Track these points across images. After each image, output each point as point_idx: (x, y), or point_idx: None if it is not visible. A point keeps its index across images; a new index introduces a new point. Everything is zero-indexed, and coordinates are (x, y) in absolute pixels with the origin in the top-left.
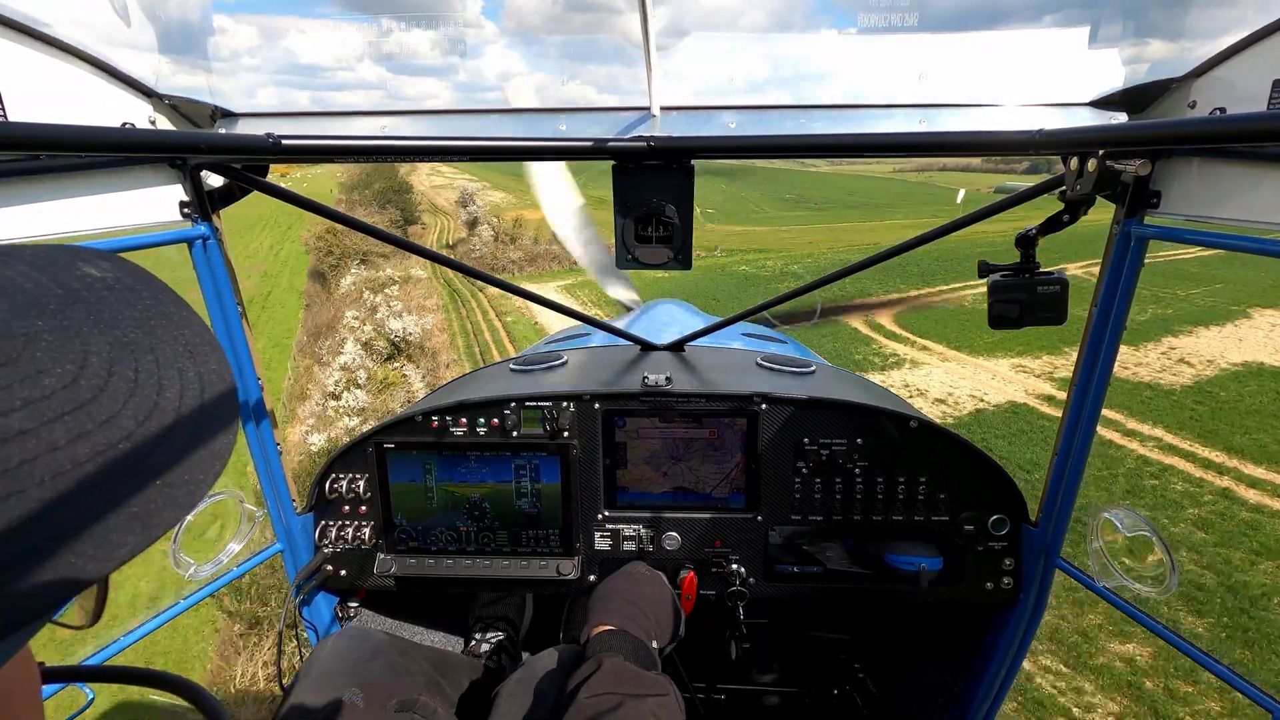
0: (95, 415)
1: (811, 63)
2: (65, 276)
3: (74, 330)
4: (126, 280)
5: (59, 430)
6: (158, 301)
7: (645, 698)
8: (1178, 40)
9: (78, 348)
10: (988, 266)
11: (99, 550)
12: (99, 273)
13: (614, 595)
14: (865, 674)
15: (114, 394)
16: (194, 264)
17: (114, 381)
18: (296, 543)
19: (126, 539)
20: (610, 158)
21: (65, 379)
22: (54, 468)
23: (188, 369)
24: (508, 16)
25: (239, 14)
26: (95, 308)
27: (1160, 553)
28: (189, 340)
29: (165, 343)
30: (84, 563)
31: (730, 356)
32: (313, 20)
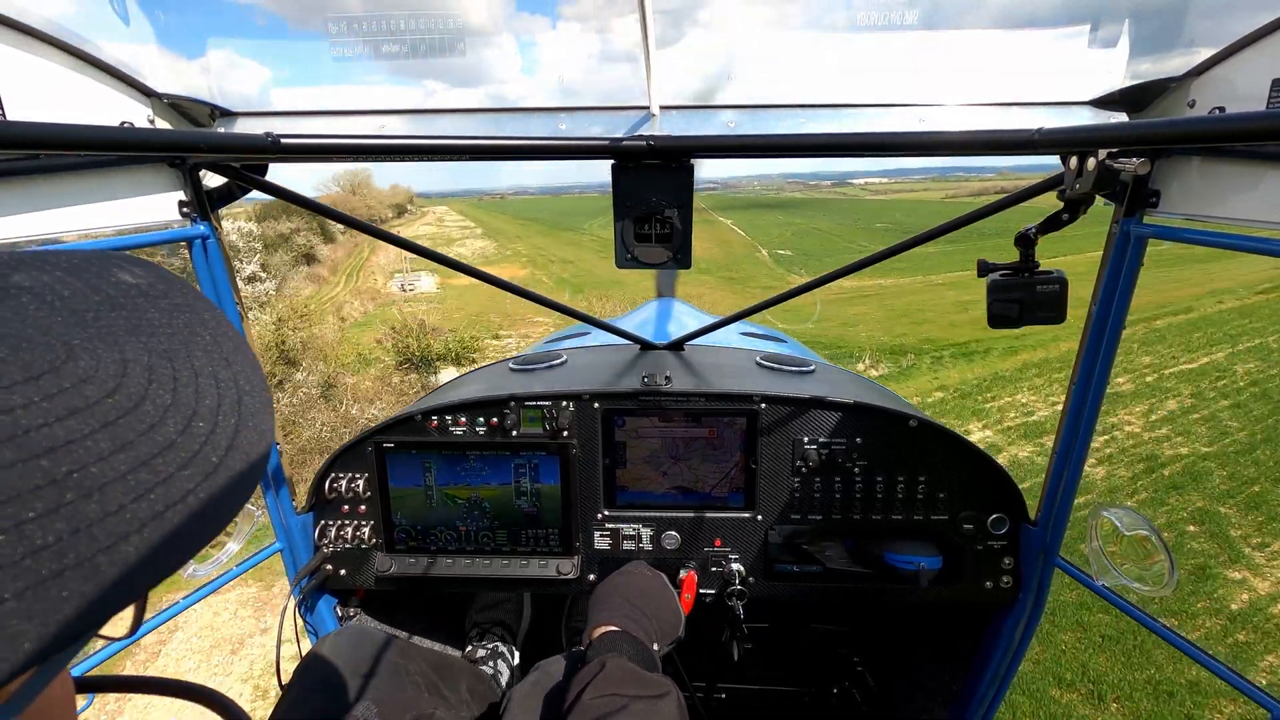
0: (137, 425)
1: (811, 62)
2: (101, 283)
3: (113, 338)
4: (160, 286)
5: (104, 440)
6: (192, 308)
7: (649, 699)
8: (1177, 39)
9: (117, 356)
10: (987, 266)
11: (149, 561)
12: (134, 279)
13: (615, 596)
14: (865, 671)
15: (155, 402)
16: (193, 264)
17: (154, 389)
18: (296, 542)
19: (168, 554)
20: (609, 157)
21: (107, 388)
22: (101, 478)
23: (223, 375)
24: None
25: (238, 14)
26: (132, 315)
27: (1159, 552)
28: (224, 347)
29: (201, 350)
30: (134, 574)
31: (730, 356)
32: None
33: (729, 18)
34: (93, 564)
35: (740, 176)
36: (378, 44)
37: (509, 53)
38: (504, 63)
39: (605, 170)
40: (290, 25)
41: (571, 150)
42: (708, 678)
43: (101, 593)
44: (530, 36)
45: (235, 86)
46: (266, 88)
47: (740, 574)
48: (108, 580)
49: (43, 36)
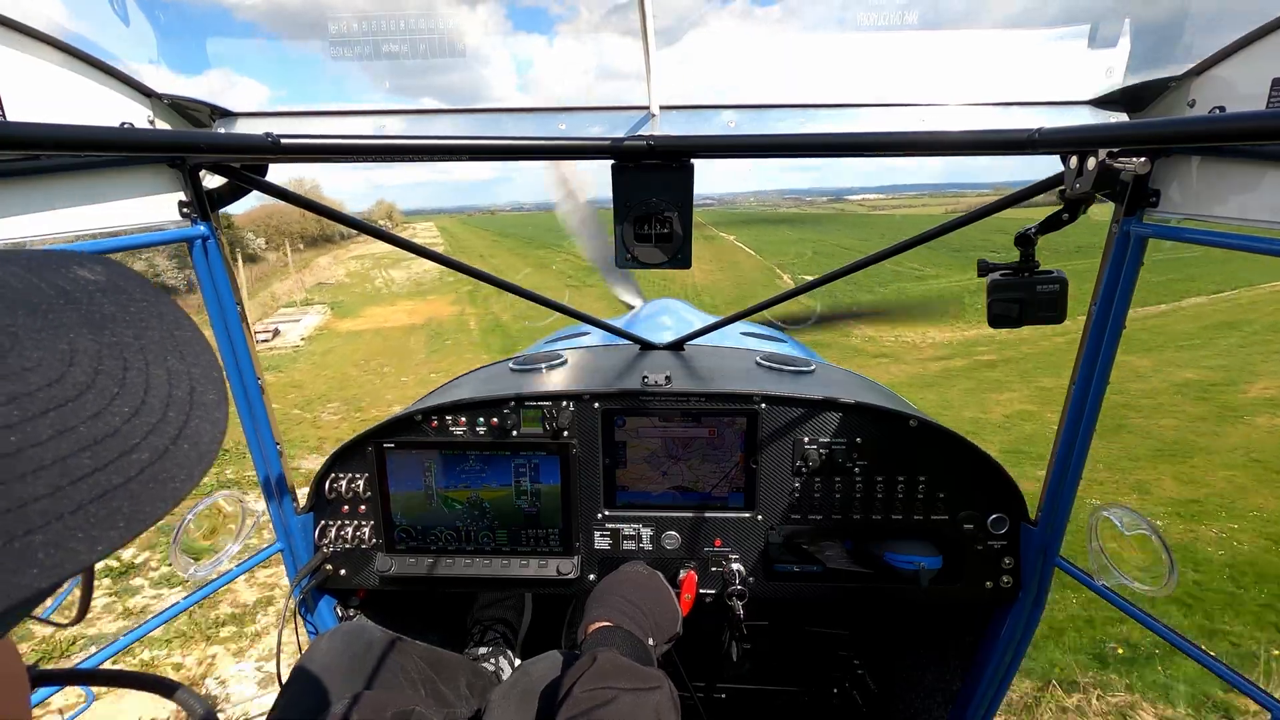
0: (81, 412)
1: (811, 62)
2: (56, 277)
3: (63, 329)
4: (118, 282)
5: (44, 426)
6: (150, 303)
7: (639, 691)
8: (1177, 39)
9: (64, 346)
10: (987, 266)
11: (82, 543)
12: (91, 275)
13: (611, 594)
14: (865, 672)
15: (101, 391)
16: (193, 264)
17: (101, 379)
18: (296, 542)
19: (109, 532)
20: (609, 157)
21: (51, 376)
22: (37, 461)
23: (178, 368)
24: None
25: (238, 14)
26: (86, 309)
27: (1159, 551)
28: (180, 341)
29: (155, 343)
30: (66, 556)
31: (730, 356)
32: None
33: (729, 18)
34: (25, 542)
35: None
36: (378, 44)
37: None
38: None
39: (604, 184)
40: (290, 26)
41: (571, 150)
42: (707, 678)
43: (34, 573)
44: (531, 36)
45: (235, 87)
46: (266, 88)
47: (740, 574)
48: (40, 560)
49: (43, 37)
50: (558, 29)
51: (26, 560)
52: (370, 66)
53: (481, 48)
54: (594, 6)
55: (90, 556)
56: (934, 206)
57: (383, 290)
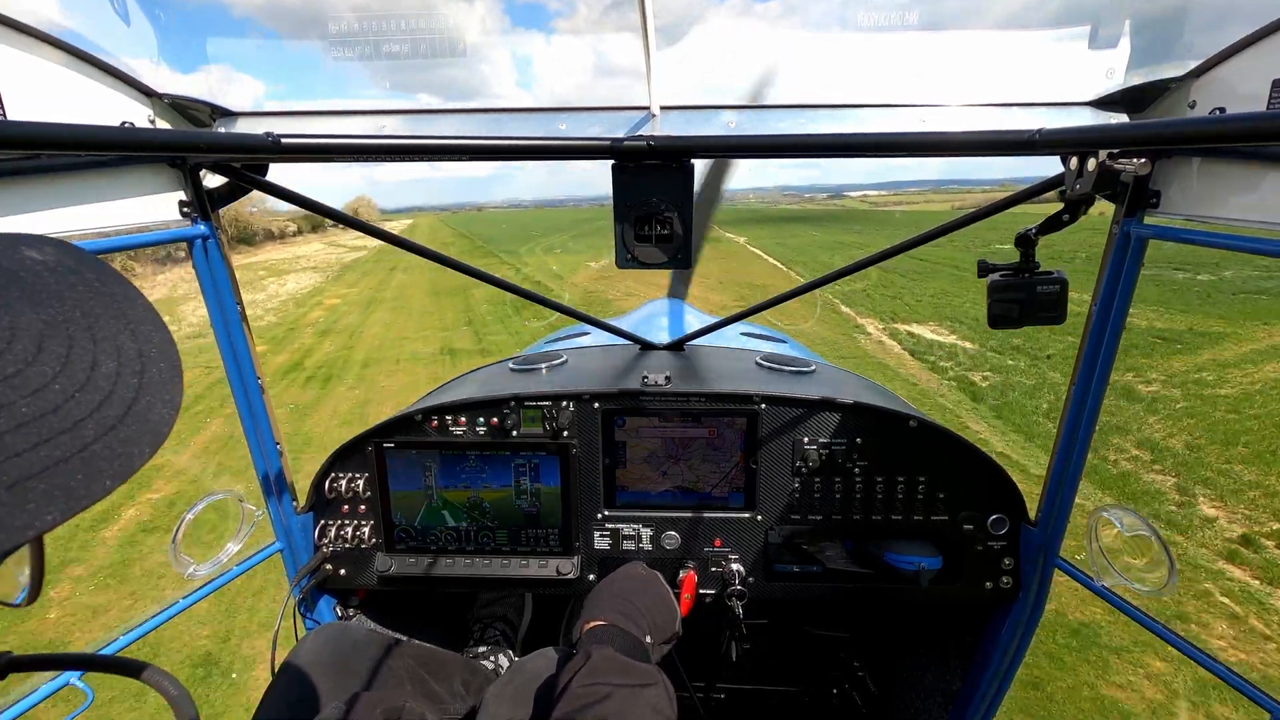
0: (21, 388)
1: (811, 62)
2: (3, 260)
3: (4, 309)
4: (69, 263)
5: None
6: (101, 283)
7: (634, 688)
8: (1177, 40)
9: (5, 324)
10: (987, 266)
11: (19, 518)
12: (40, 255)
13: (609, 593)
14: (865, 673)
15: (43, 368)
16: (194, 263)
17: (43, 356)
18: (296, 542)
19: (50, 508)
20: (609, 157)
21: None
22: None
23: (127, 346)
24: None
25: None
26: (31, 288)
27: (1159, 551)
28: (131, 319)
29: (104, 321)
30: (5, 531)
31: (730, 356)
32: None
33: (729, 18)
34: None
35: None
36: (378, 44)
37: (509, 53)
38: (504, 62)
39: (602, 182)
40: (291, 25)
41: (571, 150)
42: (707, 678)
43: None
44: (531, 37)
45: (235, 87)
46: (267, 88)
47: (740, 574)
48: None
49: (43, 36)
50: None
51: None
52: (370, 66)
53: (482, 47)
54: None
55: (24, 535)
56: (938, 203)
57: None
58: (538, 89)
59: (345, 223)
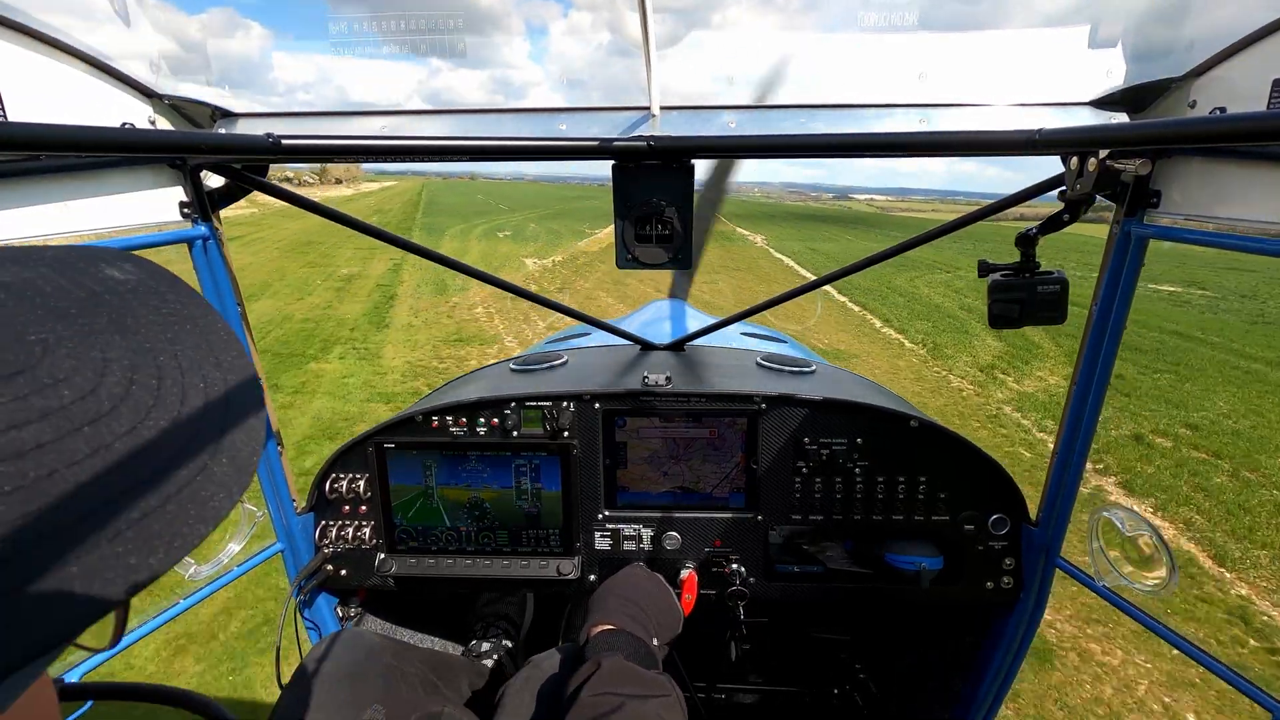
0: (116, 428)
1: (811, 62)
2: (86, 279)
3: (94, 336)
4: (149, 283)
5: (79, 443)
6: (182, 304)
7: (647, 698)
8: (1177, 40)
9: (98, 355)
10: (987, 266)
11: (119, 574)
12: (122, 275)
13: (613, 595)
14: (865, 673)
15: (136, 404)
16: (194, 264)
17: (136, 391)
18: (297, 542)
19: (149, 560)
20: (610, 157)
21: (84, 389)
22: (72, 483)
23: (213, 376)
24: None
25: (238, 13)
26: (117, 312)
27: (1160, 552)
28: (214, 345)
29: (190, 348)
30: (105, 584)
31: (730, 356)
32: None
33: (729, 17)
34: (64, 574)
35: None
36: (379, 44)
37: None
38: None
39: (608, 168)
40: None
41: (572, 150)
42: (708, 678)
43: (76, 605)
44: (531, 37)
45: (236, 87)
46: (267, 89)
47: (741, 574)
48: (75, 593)
49: (43, 37)
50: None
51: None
52: (371, 66)
53: (482, 47)
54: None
55: (128, 589)
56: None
57: None
58: (539, 86)
59: (343, 222)
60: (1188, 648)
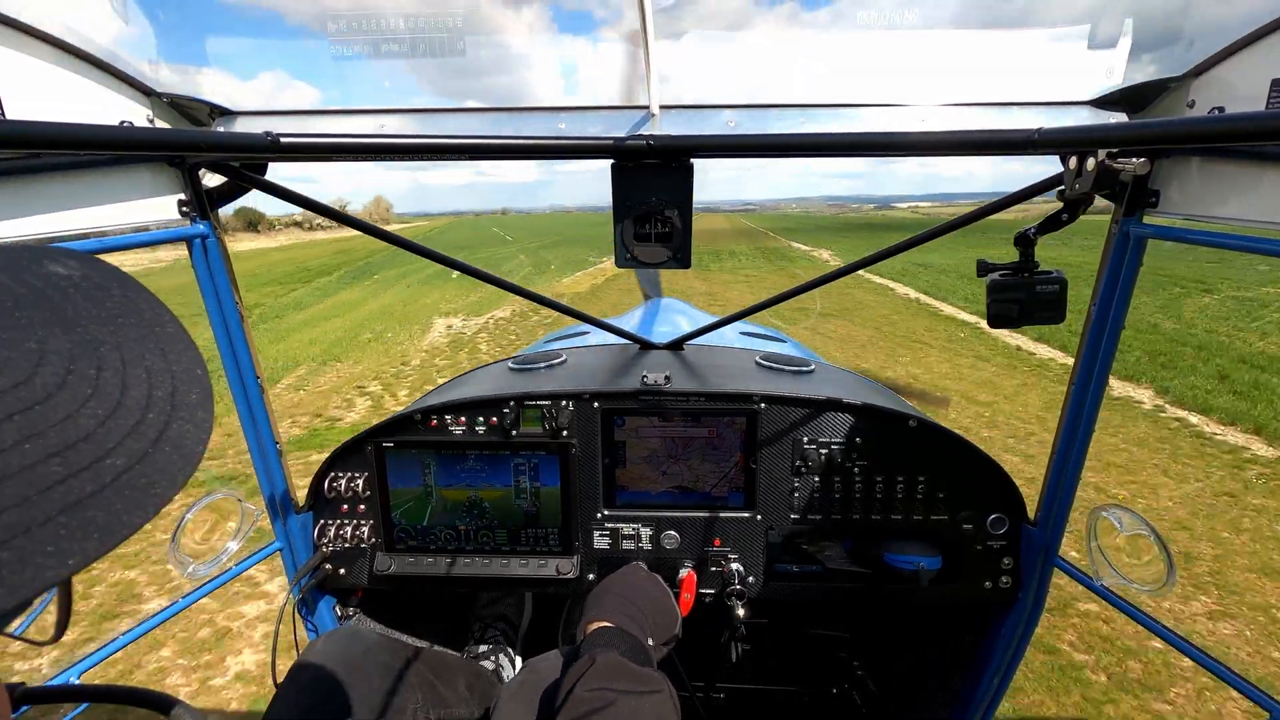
0: (50, 415)
1: (811, 61)
2: (28, 275)
3: (32, 328)
4: (95, 279)
5: (8, 431)
6: (129, 300)
7: (639, 694)
8: (1176, 39)
9: (34, 346)
10: (986, 266)
11: (51, 558)
12: (65, 270)
13: (610, 594)
14: (864, 672)
15: (73, 393)
16: (193, 263)
17: (73, 380)
18: (295, 542)
19: (83, 544)
20: (609, 156)
21: (17, 377)
22: (3, 470)
23: (158, 368)
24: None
25: (238, 12)
26: (58, 306)
27: (1158, 551)
28: (161, 339)
29: (134, 341)
30: (34, 572)
31: (729, 356)
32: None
33: (729, 18)
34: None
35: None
36: (377, 43)
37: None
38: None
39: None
40: (290, 24)
41: (571, 150)
42: (707, 678)
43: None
44: (530, 36)
45: (235, 86)
46: (266, 87)
47: (740, 574)
48: (5, 578)
49: (43, 36)
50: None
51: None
52: (370, 65)
53: (481, 46)
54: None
55: (60, 572)
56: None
57: None
58: (537, 88)
59: (345, 222)
60: (1187, 647)
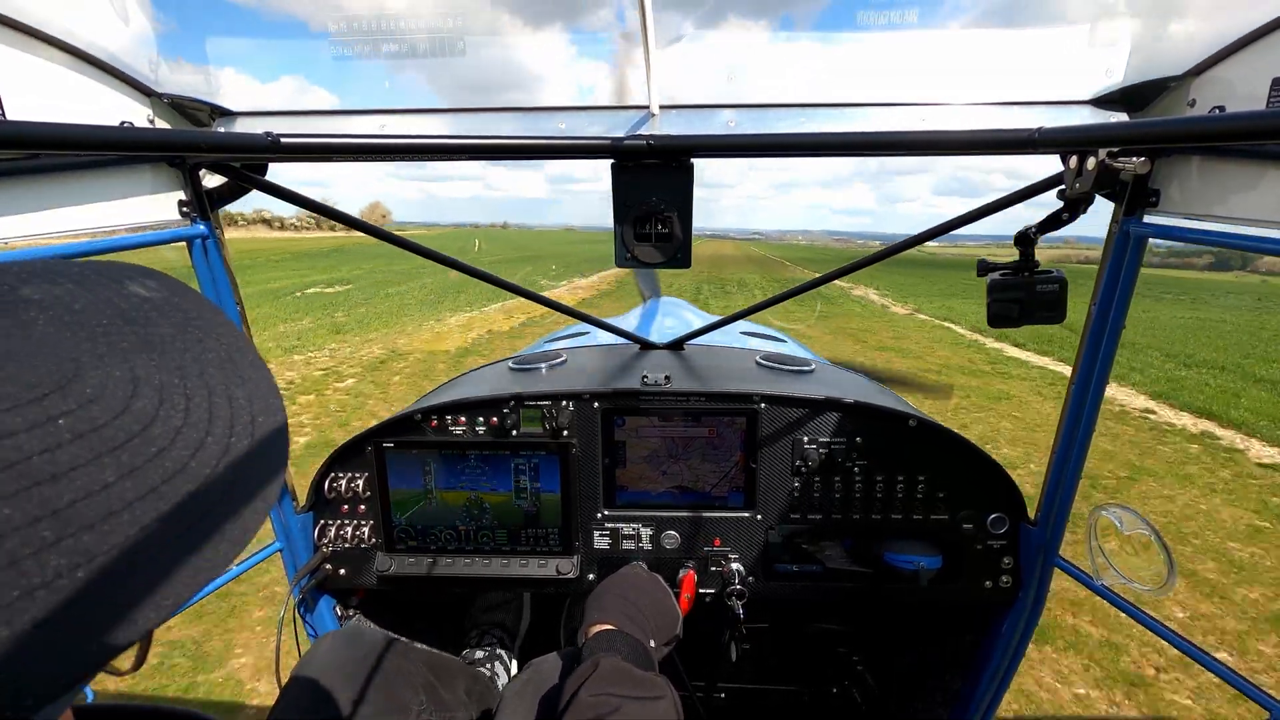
0: (146, 449)
1: (812, 61)
2: (112, 295)
3: (124, 354)
4: (174, 300)
5: (110, 465)
6: (206, 322)
7: (644, 700)
8: (1177, 39)
9: (128, 374)
10: (986, 265)
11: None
12: (147, 292)
13: (611, 595)
14: (865, 670)
15: (165, 424)
16: (193, 263)
17: (164, 411)
18: (295, 542)
19: (180, 586)
20: (609, 156)
21: (116, 408)
22: (105, 508)
23: (238, 394)
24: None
25: (238, 12)
26: (144, 329)
27: (1158, 551)
28: (239, 363)
29: (215, 366)
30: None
31: (729, 355)
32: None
33: (729, 17)
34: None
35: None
36: (378, 43)
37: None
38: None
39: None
40: (291, 25)
41: (571, 150)
42: (707, 677)
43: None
44: (531, 36)
45: (235, 86)
46: (266, 87)
47: (740, 574)
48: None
49: (43, 36)
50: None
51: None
52: (371, 65)
53: (481, 46)
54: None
55: (162, 615)
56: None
57: None
58: (537, 88)
59: (345, 222)
60: (1187, 647)
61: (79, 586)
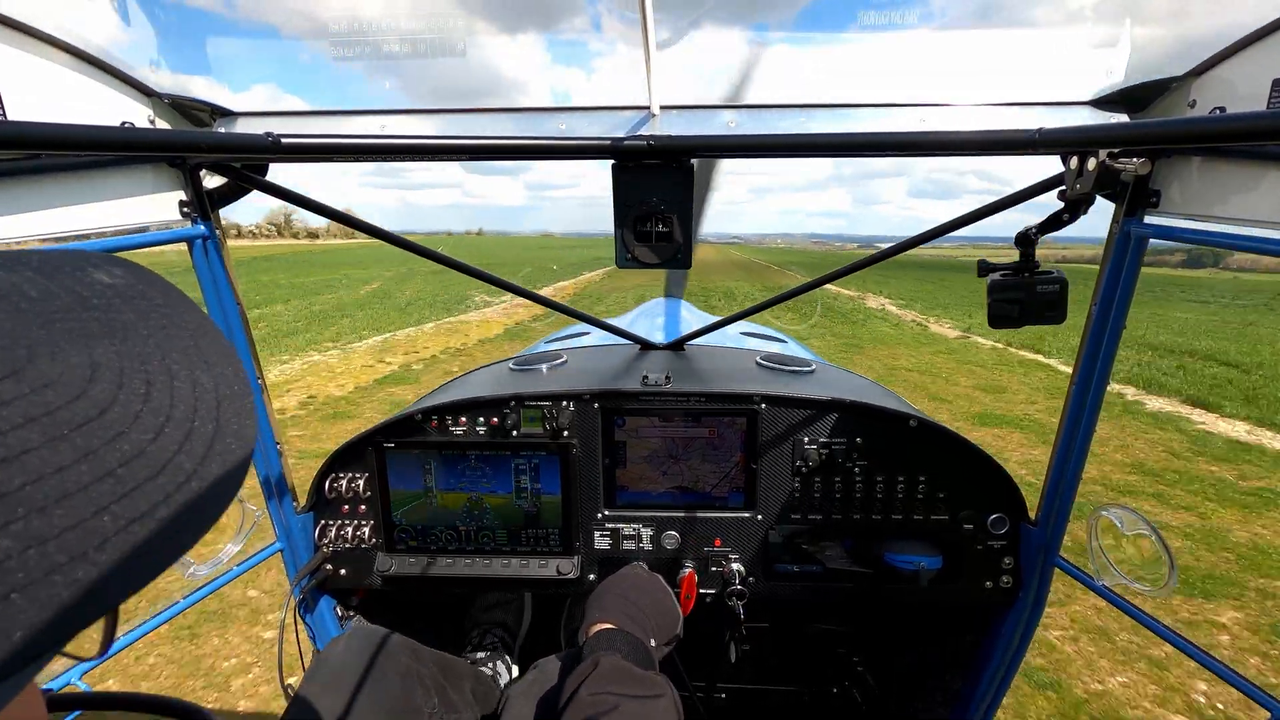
0: (103, 432)
1: (812, 61)
2: (73, 283)
3: (83, 340)
4: (139, 287)
5: (65, 449)
6: (172, 309)
7: (644, 699)
8: (1178, 39)
9: (85, 359)
10: (987, 266)
11: (112, 583)
12: (110, 279)
13: (611, 595)
14: (865, 670)
15: (124, 409)
16: (194, 264)
17: (124, 395)
18: (296, 542)
19: (139, 568)
20: (609, 157)
21: (72, 393)
22: (60, 490)
23: (203, 379)
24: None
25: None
26: (105, 315)
27: (1159, 551)
28: (204, 349)
29: (179, 351)
30: (96, 592)
31: (730, 356)
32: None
33: (730, 17)
34: (47, 583)
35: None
36: (378, 44)
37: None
38: (505, 63)
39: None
40: (292, 26)
41: (571, 150)
42: (707, 677)
43: (58, 613)
44: (531, 36)
45: (236, 86)
46: (267, 88)
47: (740, 574)
48: (65, 600)
49: (43, 36)
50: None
51: (48, 604)
52: (371, 66)
53: (482, 48)
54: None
55: (118, 597)
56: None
57: None
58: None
59: (344, 222)
60: (1187, 647)
61: (28, 570)
